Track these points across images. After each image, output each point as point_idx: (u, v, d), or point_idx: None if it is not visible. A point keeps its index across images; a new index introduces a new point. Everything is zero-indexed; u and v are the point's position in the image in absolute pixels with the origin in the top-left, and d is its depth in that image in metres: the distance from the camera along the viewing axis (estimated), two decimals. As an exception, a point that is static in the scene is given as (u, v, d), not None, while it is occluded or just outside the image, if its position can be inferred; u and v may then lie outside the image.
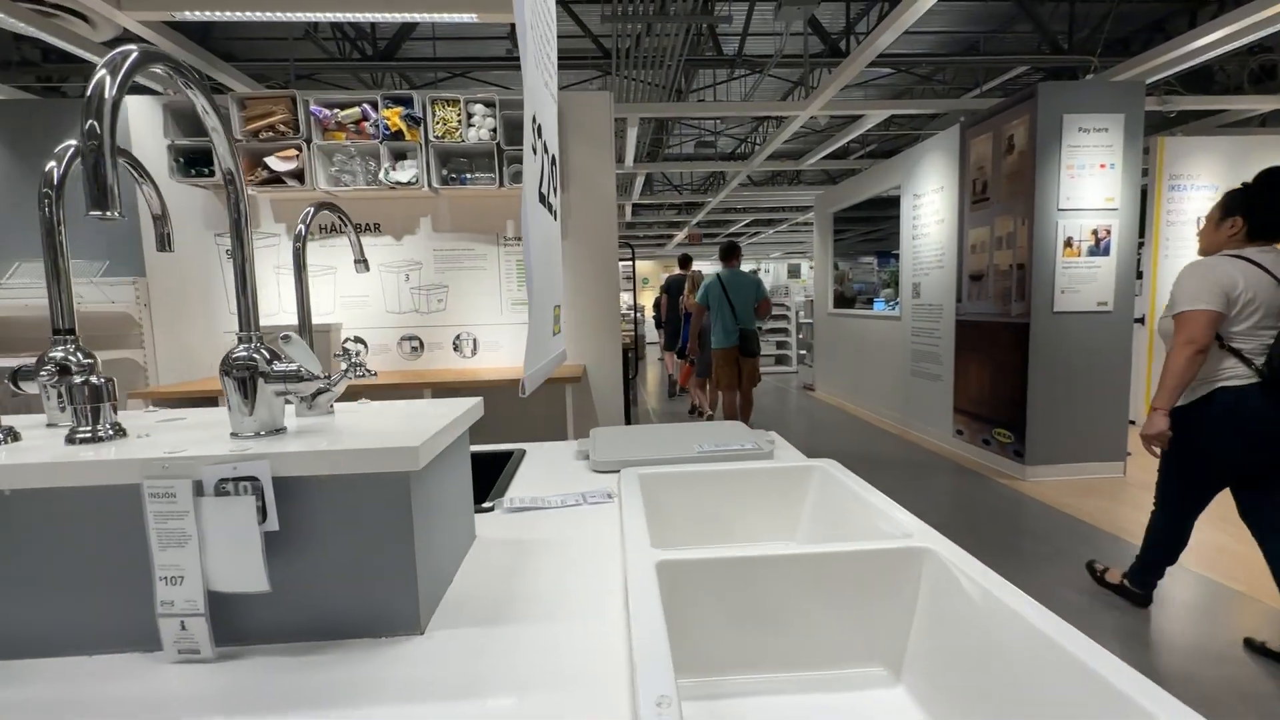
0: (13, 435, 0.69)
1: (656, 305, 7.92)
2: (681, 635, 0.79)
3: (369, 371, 0.91)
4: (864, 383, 6.14)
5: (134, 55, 0.51)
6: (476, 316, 3.58)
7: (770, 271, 18.07)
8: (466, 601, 0.73)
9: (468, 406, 0.84)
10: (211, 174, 3.12)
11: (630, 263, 5.82)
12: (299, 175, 3.13)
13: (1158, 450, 2.00)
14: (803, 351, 8.33)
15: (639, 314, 10.62)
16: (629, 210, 9.49)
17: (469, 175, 3.24)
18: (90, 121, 0.47)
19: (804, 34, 4.33)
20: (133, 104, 3.29)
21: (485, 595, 0.75)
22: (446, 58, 5.17)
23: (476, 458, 1.45)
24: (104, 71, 0.49)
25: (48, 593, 0.61)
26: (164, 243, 0.98)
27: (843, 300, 7.06)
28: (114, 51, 0.50)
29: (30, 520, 0.60)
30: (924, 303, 4.92)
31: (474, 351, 3.59)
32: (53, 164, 0.79)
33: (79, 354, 0.78)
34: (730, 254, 4.70)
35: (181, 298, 3.44)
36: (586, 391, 3.65)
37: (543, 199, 0.45)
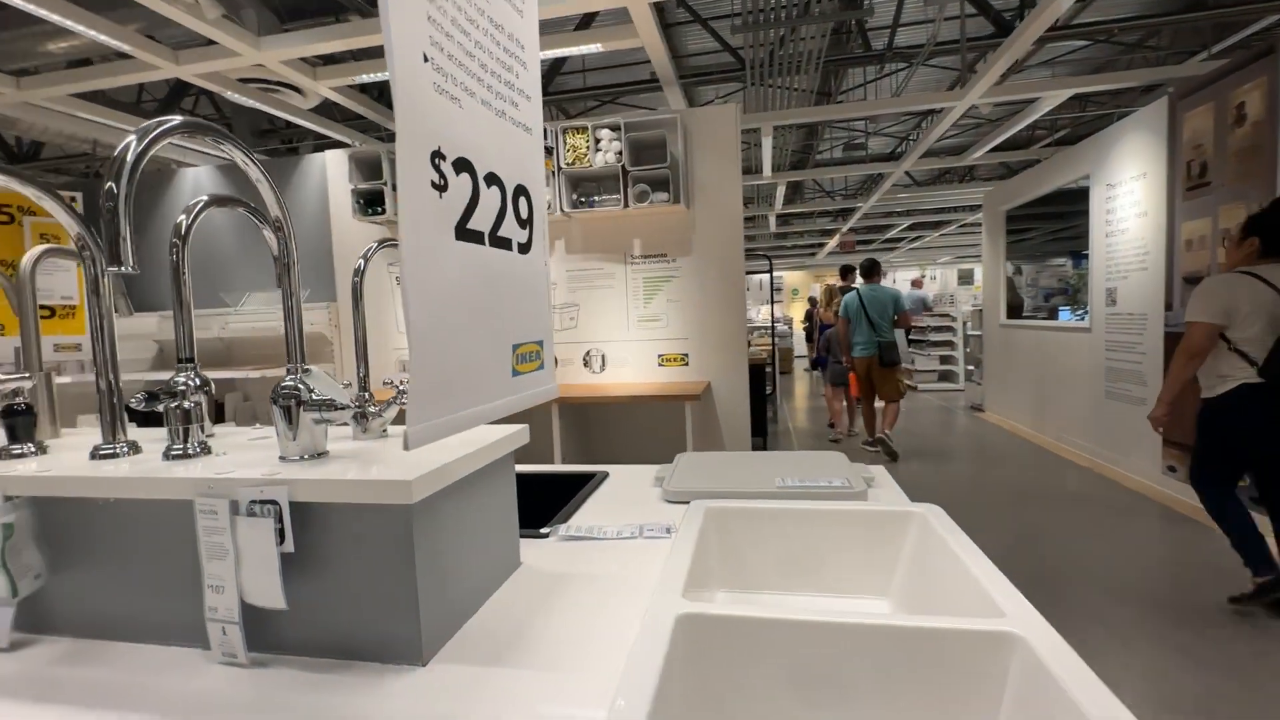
0: (135, 448, 0.83)
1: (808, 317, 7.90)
2: (705, 702, 0.71)
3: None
4: (1045, 404, 5.30)
5: (169, 124, 0.58)
6: (605, 333, 3.69)
7: (937, 278, 16.47)
8: (485, 635, 0.72)
9: (502, 435, 0.84)
10: (383, 213, 3.59)
11: (768, 274, 5.64)
12: (450, 208, 3.48)
13: (1160, 430, 2.45)
14: (970, 367, 7.44)
15: (787, 327, 10.25)
16: (773, 220, 9.23)
17: (596, 198, 3.36)
18: (109, 183, 0.54)
19: (960, 17, 3.89)
20: (331, 157, 3.90)
21: (504, 631, 0.73)
22: (596, 86, 5.44)
23: (555, 479, 1.48)
24: (133, 137, 0.56)
25: (132, 587, 0.72)
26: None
27: (1019, 310, 6.19)
28: (153, 121, 0.58)
29: (121, 523, 0.71)
30: (1121, 311, 4.12)
31: (602, 367, 3.70)
32: (182, 217, 0.93)
33: (194, 379, 0.91)
34: (871, 271, 5.01)
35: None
36: (711, 409, 3.58)
37: (496, 239, 0.43)
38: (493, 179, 0.45)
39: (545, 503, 1.28)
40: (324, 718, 0.58)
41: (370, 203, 3.61)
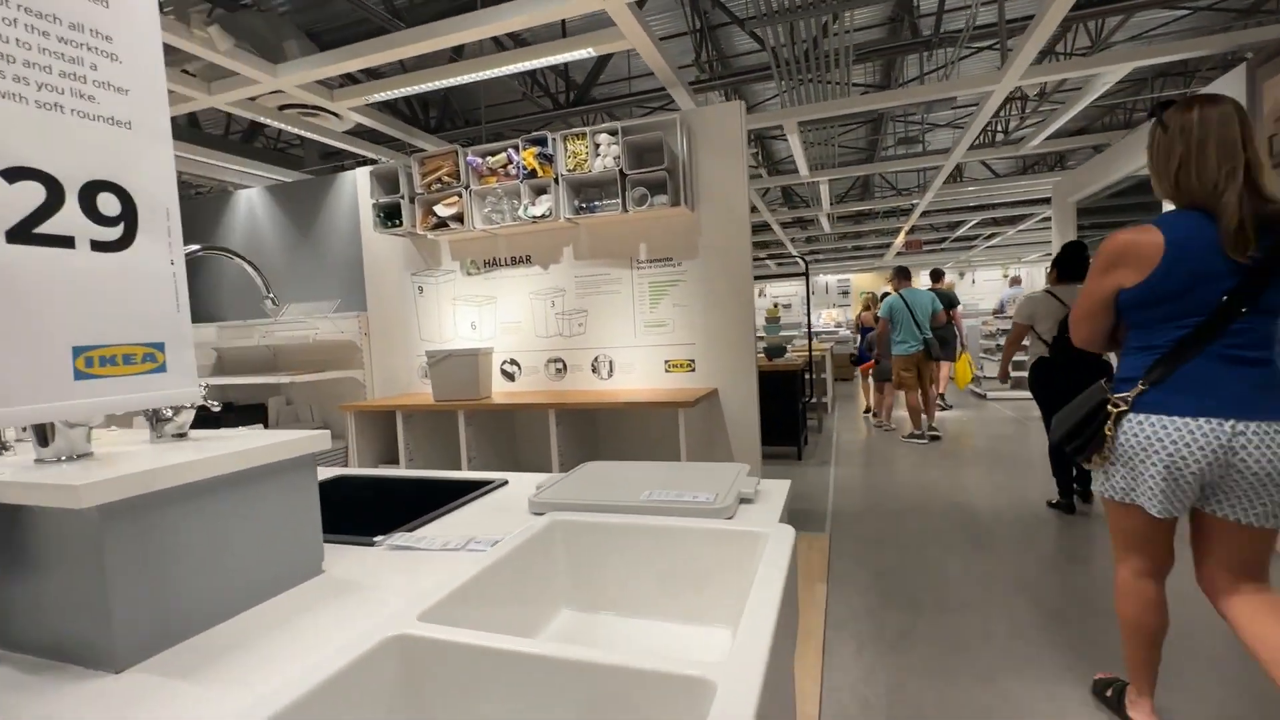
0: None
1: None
2: (409, 729, 0.66)
3: (212, 404, 0.96)
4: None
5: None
6: (612, 339, 3.66)
7: (1024, 277, 15.27)
8: (209, 645, 0.71)
9: (278, 441, 0.83)
10: (401, 225, 3.73)
11: (804, 277, 5.40)
12: (460, 218, 3.58)
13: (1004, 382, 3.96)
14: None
15: (850, 331, 9.82)
16: (825, 221, 8.86)
17: (598, 203, 3.35)
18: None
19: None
20: (360, 174, 4.12)
21: (228, 642, 0.72)
22: (641, 91, 5.44)
23: (447, 485, 1.46)
24: None
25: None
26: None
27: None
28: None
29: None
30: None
31: (610, 373, 3.67)
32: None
33: None
34: (904, 275, 5.71)
35: (389, 327, 4.17)
36: (718, 415, 3.47)
37: (34, 236, 0.41)
38: (26, 173, 0.44)
39: (424, 509, 1.27)
40: (-21, 720, 0.58)
41: (389, 215, 3.77)
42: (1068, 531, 3.23)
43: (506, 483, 1.43)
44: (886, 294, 5.83)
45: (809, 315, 5.56)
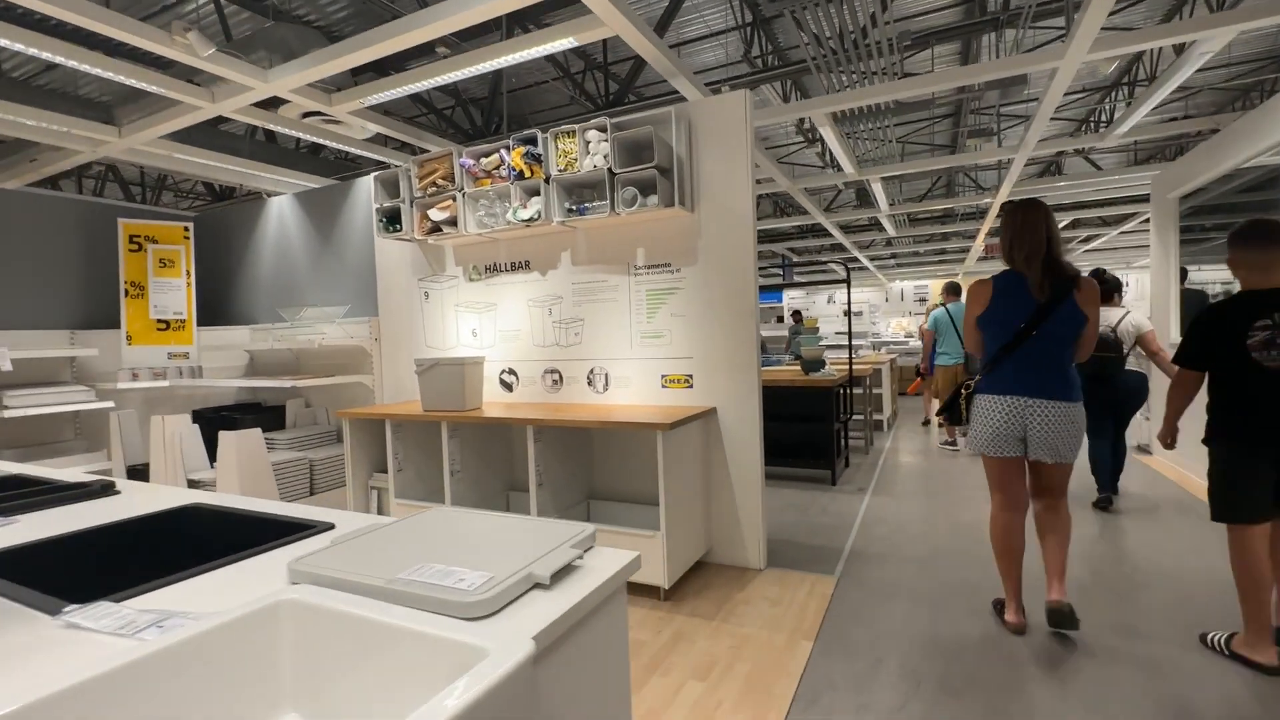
0: None
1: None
2: None
3: None
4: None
5: None
6: (608, 350, 3.42)
7: (1130, 286, 13.63)
8: None
9: None
10: (401, 229, 3.67)
11: (846, 284, 4.92)
12: (454, 222, 3.46)
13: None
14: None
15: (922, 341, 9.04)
16: (888, 224, 8.16)
17: (588, 205, 3.13)
18: None
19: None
20: (372, 180, 4.12)
21: None
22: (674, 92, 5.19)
23: (258, 522, 1.26)
24: None
25: None
26: None
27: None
28: None
29: None
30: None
31: (605, 387, 3.43)
32: None
33: None
34: (953, 291, 5.83)
35: (398, 333, 4.14)
36: (716, 437, 3.14)
37: None
38: None
39: (210, 555, 1.08)
40: None
41: (391, 220, 3.72)
42: (1121, 606, 2.66)
43: (332, 526, 1.22)
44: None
45: (850, 325, 5.06)
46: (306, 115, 4.18)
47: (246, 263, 4.91)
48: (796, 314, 11.58)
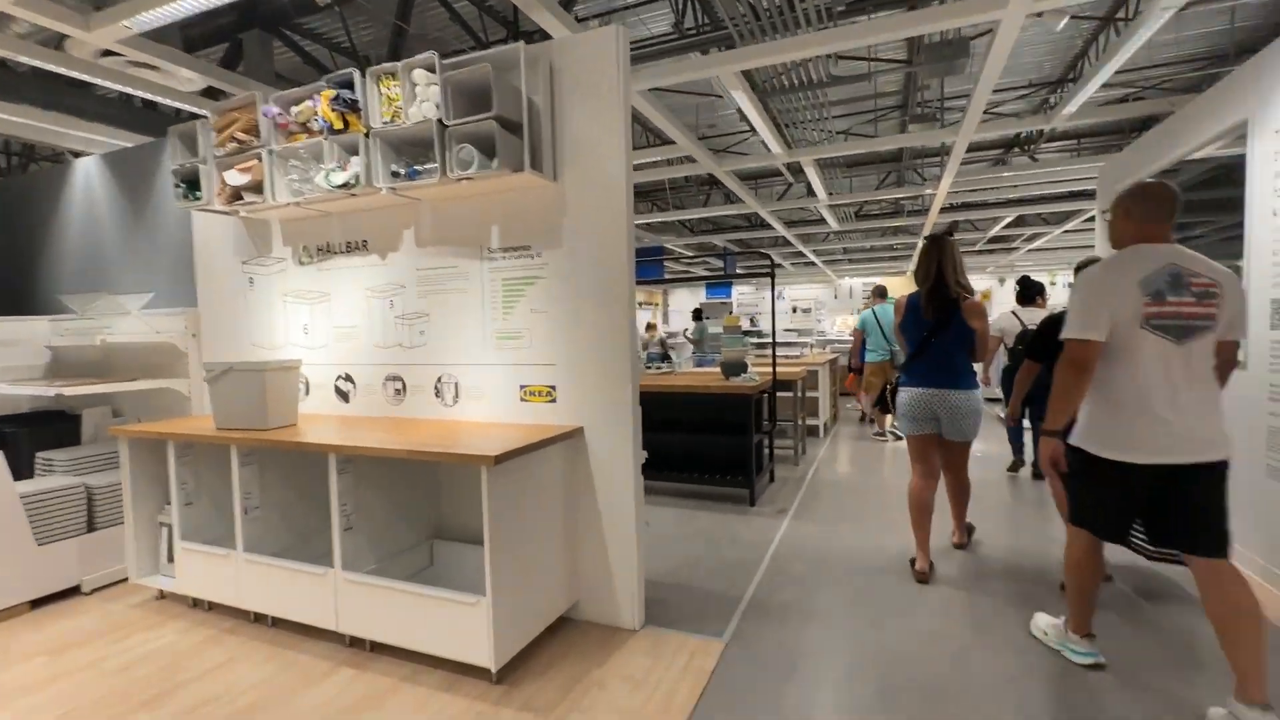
0: None
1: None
2: None
3: None
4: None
5: None
6: (458, 353, 2.75)
7: (1057, 284, 13.66)
8: None
9: None
10: (201, 196, 2.90)
11: (770, 276, 4.36)
12: (259, 188, 2.72)
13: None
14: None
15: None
16: (829, 216, 7.69)
17: (419, 168, 2.43)
18: None
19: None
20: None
21: None
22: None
23: None
24: None
25: None
26: None
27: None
28: None
29: None
30: (1299, 339, 2.49)
31: (455, 399, 2.76)
32: None
33: None
34: (880, 294, 6.28)
35: (220, 328, 3.35)
36: (583, 464, 2.51)
37: None
38: None
39: None
40: None
41: (191, 185, 2.94)
42: (1065, 684, 2.16)
43: None
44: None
45: (774, 325, 4.50)
46: (106, 55, 3.34)
47: (48, 240, 4.02)
48: (697, 312, 11.04)
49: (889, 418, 6.25)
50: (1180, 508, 1.80)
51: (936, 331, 2.83)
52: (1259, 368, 2.74)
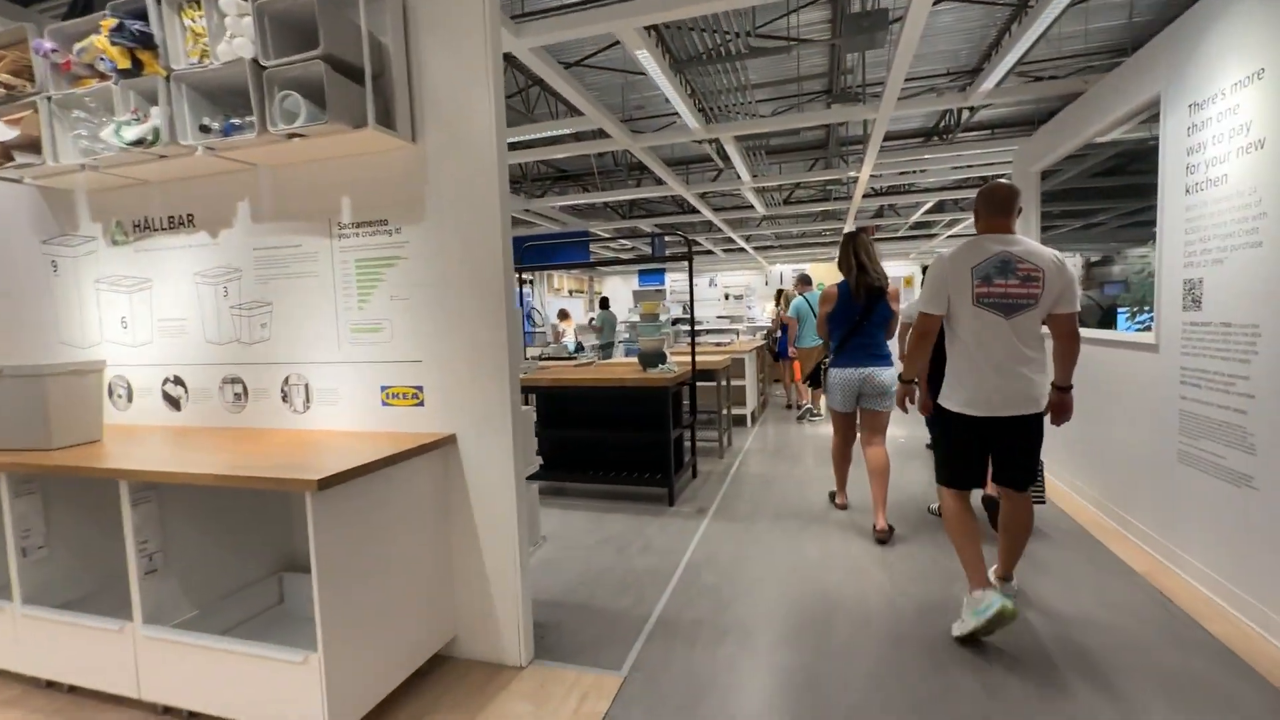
0: None
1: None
2: None
3: None
4: (1089, 456, 3.56)
5: None
6: (307, 350, 2.31)
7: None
8: None
9: None
10: (-33, 158, 2.31)
11: (688, 259, 4.09)
12: (37, 146, 2.16)
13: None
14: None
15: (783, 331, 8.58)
16: (754, 199, 7.54)
17: (236, 121, 1.97)
18: None
19: None
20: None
21: None
22: None
23: None
24: None
25: None
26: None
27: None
28: None
29: None
30: (1210, 320, 2.41)
31: (306, 403, 2.32)
32: None
33: None
34: (806, 281, 6.55)
35: (16, 323, 2.74)
36: (458, 476, 2.14)
37: None
38: None
39: None
40: None
41: (-45, 144, 2.34)
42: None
43: None
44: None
45: (692, 312, 4.25)
46: None
47: None
48: (604, 300, 10.85)
49: (819, 393, 6.43)
50: (1009, 451, 2.20)
51: (865, 315, 3.25)
52: (1170, 350, 2.68)
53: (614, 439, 4.11)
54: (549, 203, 7.48)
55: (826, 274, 15.16)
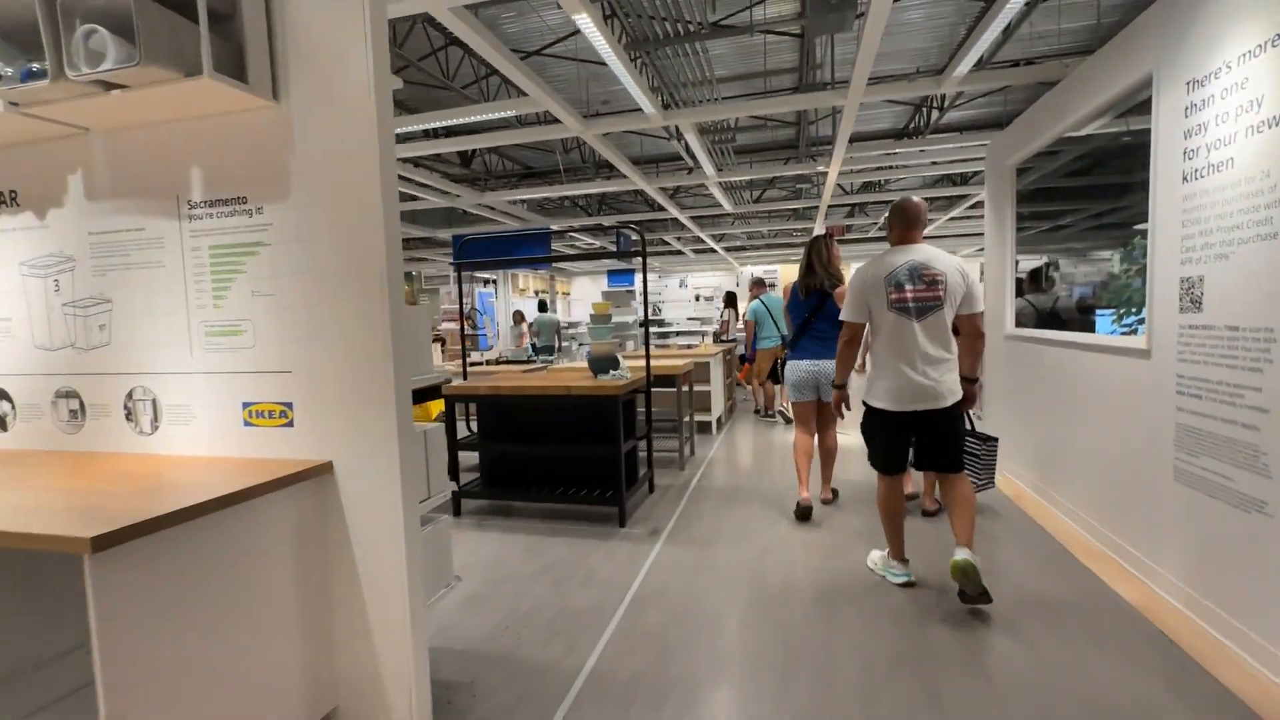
0: None
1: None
2: None
3: None
4: (1071, 471, 3.30)
5: None
6: (155, 357, 1.88)
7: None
8: None
9: None
10: None
11: (641, 256, 3.73)
12: None
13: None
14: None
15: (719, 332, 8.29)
16: (719, 195, 7.22)
17: (34, 66, 1.55)
18: None
19: None
20: None
21: None
22: None
23: None
24: None
25: None
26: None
27: (1044, 318, 4.14)
28: None
29: None
30: (1212, 323, 2.14)
31: (155, 423, 1.89)
32: None
33: None
34: (761, 284, 6.70)
35: None
36: (335, 512, 1.74)
37: None
38: None
39: None
40: None
41: None
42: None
43: None
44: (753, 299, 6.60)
45: (646, 312, 3.89)
46: None
47: None
48: (543, 303, 10.56)
49: (779, 389, 6.58)
50: (931, 441, 2.45)
51: (815, 313, 3.51)
52: (1165, 357, 2.41)
53: (560, 453, 3.74)
54: (503, 196, 7.07)
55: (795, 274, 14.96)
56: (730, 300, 8.59)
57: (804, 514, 3.40)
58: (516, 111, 3.94)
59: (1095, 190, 4.42)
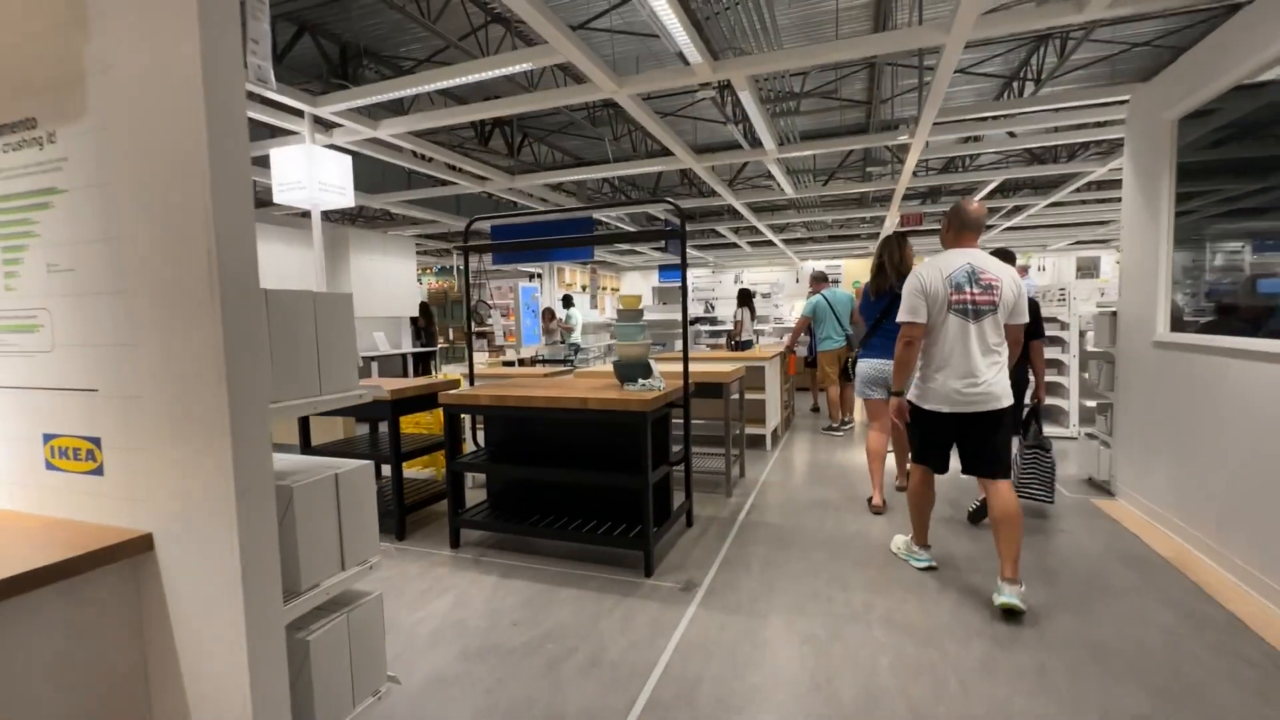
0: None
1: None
2: None
3: None
4: (1235, 506, 2.36)
5: None
6: (-56, 362, 1.30)
7: (1046, 269, 12.71)
8: None
9: None
10: None
11: (681, 240, 2.98)
12: None
13: None
14: (1094, 409, 4.35)
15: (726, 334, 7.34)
16: (780, 176, 6.31)
17: None
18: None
19: None
20: None
21: None
22: None
23: None
24: None
25: None
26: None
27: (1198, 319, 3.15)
28: None
29: None
30: None
31: (-52, 457, 1.31)
32: None
33: None
34: (822, 279, 5.99)
35: None
36: (158, 611, 1.11)
37: None
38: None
39: None
40: None
41: None
42: None
43: None
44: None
45: (685, 306, 3.13)
46: None
47: None
48: (566, 298, 9.77)
49: (845, 400, 6.04)
50: (977, 445, 2.47)
51: (886, 313, 3.43)
52: None
53: (577, 480, 3.06)
54: (537, 179, 6.46)
55: (863, 270, 13.83)
56: (744, 298, 7.45)
57: (879, 511, 3.52)
58: (532, 64, 3.28)
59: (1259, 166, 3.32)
